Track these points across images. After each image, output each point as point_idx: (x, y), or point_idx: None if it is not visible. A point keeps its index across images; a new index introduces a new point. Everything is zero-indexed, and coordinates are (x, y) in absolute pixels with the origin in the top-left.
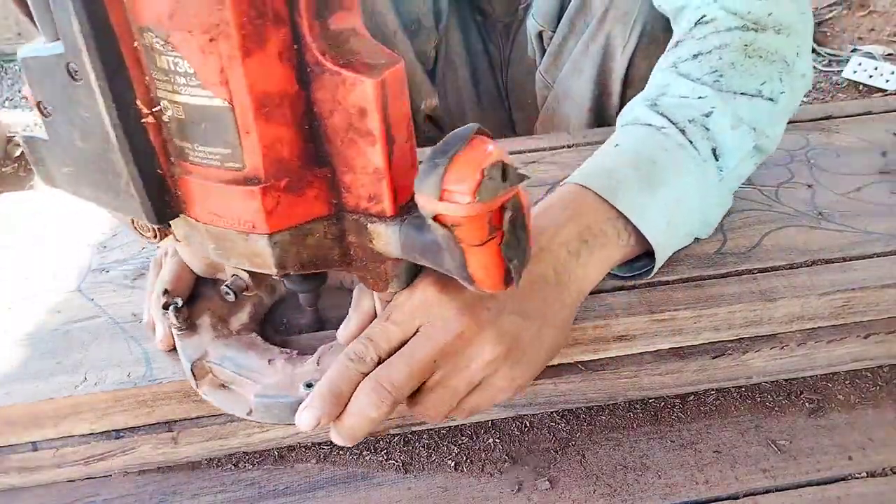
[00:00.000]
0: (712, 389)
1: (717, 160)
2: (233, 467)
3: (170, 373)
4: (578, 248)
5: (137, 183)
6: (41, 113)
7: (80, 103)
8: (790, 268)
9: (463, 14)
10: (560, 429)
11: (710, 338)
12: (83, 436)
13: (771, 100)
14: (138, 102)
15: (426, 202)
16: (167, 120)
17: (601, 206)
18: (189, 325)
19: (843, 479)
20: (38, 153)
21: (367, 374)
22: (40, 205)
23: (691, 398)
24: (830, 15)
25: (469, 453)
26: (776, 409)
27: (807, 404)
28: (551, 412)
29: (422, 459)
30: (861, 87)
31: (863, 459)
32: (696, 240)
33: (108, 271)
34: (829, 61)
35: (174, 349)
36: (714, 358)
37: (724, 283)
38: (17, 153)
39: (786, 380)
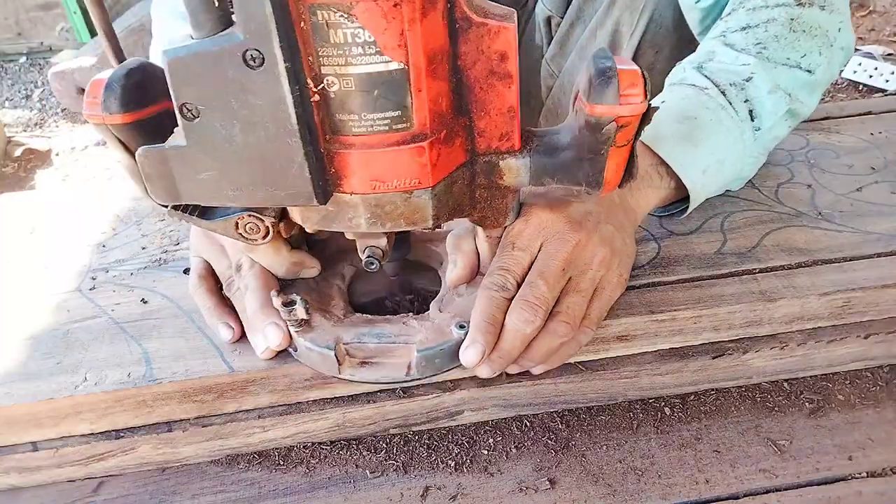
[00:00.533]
0: (712, 389)
1: (752, 121)
2: (233, 467)
3: (169, 373)
4: (633, 183)
5: (311, 164)
6: (183, 116)
7: (256, 91)
8: (790, 268)
9: None
10: (560, 429)
11: (710, 338)
12: (83, 436)
13: (809, 71)
14: (309, 81)
15: (608, 109)
16: (332, 96)
17: (648, 153)
18: (310, 317)
19: (843, 479)
20: (165, 165)
21: (510, 300)
22: (40, 205)
23: (691, 398)
24: None
25: (469, 453)
26: (776, 409)
27: (807, 404)
28: (551, 412)
29: (422, 459)
30: (861, 87)
31: (863, 459)
32: (682, 242)
33: (108, 271)
34: None
35: (288, 347)
36: (714, 358)
37: (724, 283)
38: (18, 153)
39: (786, 380)
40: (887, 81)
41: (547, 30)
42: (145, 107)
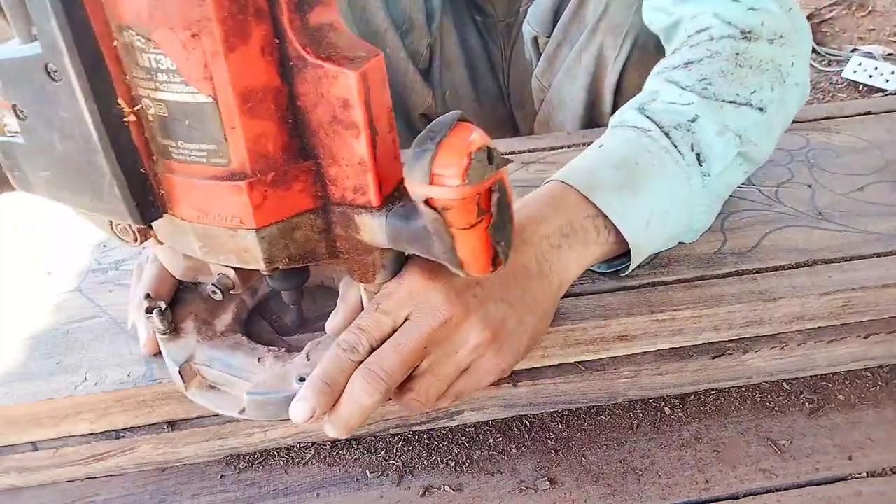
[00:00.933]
0: (712, 389)
1: (700, 165)
2: (233, 467)
3: (170, 373)
4: (560, 241)
5: (121, 183)
6: (17, 116)
7: (60, 104)
8: (790, 268)
9: (459, 13)
10: (560, 429)
11: (710, 338)
12: (83, 436)
13: (760, 109)
14: (120, 101)
15: (417, 187)
16: (150, 118)
17: (582, 204)
18: (173, 328)
19: (843, 479)
20: (13, 158)
21: (359, 364)
22: (40, 205)
23: (691, 398)
24: (830, 15)
25: (469, 453)
26: (776, 409)
27: (807, 404)
28: (551, 412)
29: (422, 459)
30: (861, 87)
31: (863, 459)
32: (680, 243)
33: (108, 271)
34: (829, 61)
35: (159, 353)
36: (714, 358)
37: (724, 283)
38: None
39: (786, 380)
40: (887, 81)
41: (535, 48)
42: None
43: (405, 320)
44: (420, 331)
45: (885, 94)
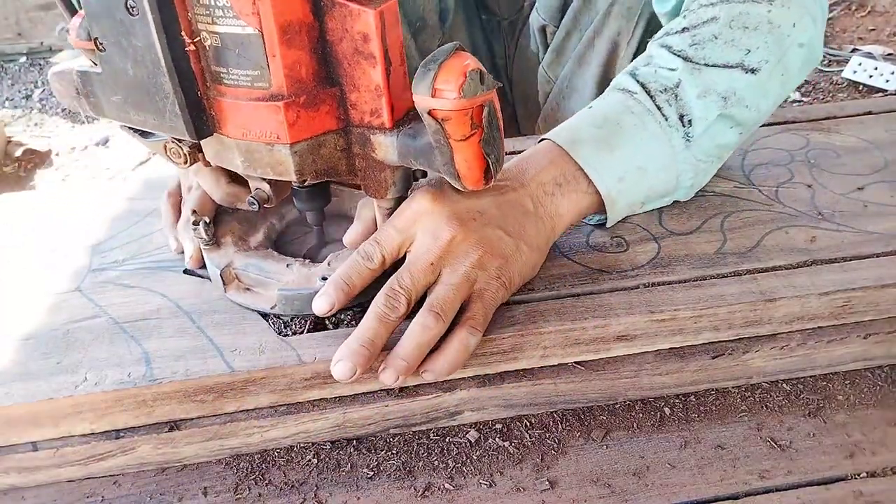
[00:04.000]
0: (712, 389)
1: (685, 127)
2: (233, 467)
3: (170, 373)
4: (553, 189)
5: (182, 103)
6: (97, 48)
7: (136, 35)
8: (790, 268)
9: (468, 12)
10: (560, 429)
11: (710, 338)
12: (83, 436)
13: (752, 70)
14: (182, 34)
15: (421, 99)
16: (206, 48)
17: (568, 157)
18: (215, 241)
19: (843, 479)
20: (91, 86)
21: (373, 271)
22: (40, 205)
23: (691, 398)
24: (830, 15)
25: (469, 453)
26: (776, 409)
27: (807, 404)
28: (551, 412)
29: (422, 459)
30: (861, 87)
31: (863, 459)
32: (676, 202)
33: (108, 271)
34: (829, 61)
35: (202, 267)
36: (714, 358)
37: (724, 283)
38: (18, 153)
39: (786, 380)
40: (887, 81)
41: (542, 38)
42: None
43: (413, 239)
44: (428, 251)
45: (885, 94)
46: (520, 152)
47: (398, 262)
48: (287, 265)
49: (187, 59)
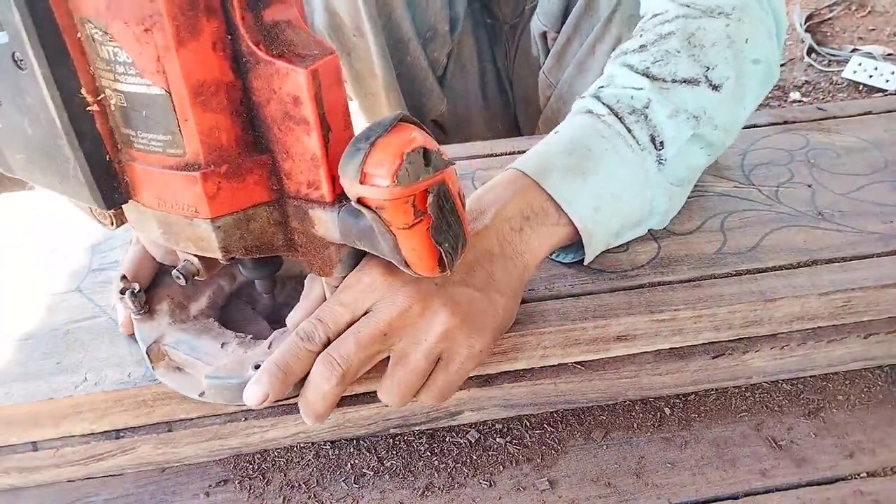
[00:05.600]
0: (712, 389)
1: (657, 150)
2: (233, 467)
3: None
4: (521, 224)
5: (85, 169)
6: None
7: (27, 91)
8: (790, 268)
9: (476, 19)
10: (560, 429)
11: (710, 338)
12: (83, 436)
13: (716, 87)
14: (83, 91)
15: (349, 185)
16: (112, 108)
17: (536, 188)
18: (147, 310)
19: (843, 479)
20: None
21: (315, 353)
22: (40, 205)
23: (691, 398)
24: (830, 15)
25: (469, 453)
26: (776, 409)
27: (807, 404)
28: (551, 412)
29: (422, 459)
30: (861, 87)
31: (863, 459)
32: (650, 231)
33: (108, 271)
34: (829, 61)
35: (133, 333)
36: (714, 358)
37: (724, 283)
38: None
39: (786, 380)
40: (887, 81)
41: (543, 43)
42: None
43: (365, 312)
44: (378, 318)
45: (885, 94)
46: (522, 152)
47: None
48: (223, 344)
49: (90, 120)
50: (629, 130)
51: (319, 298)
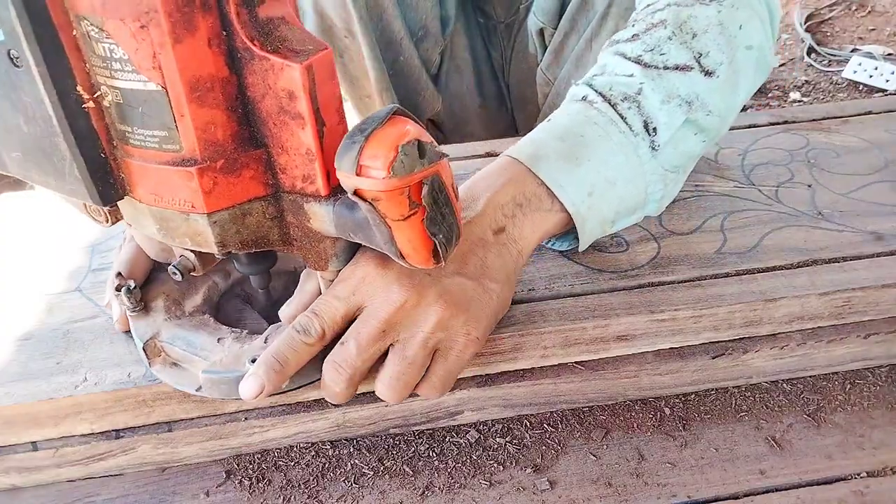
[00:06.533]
0: (712, 389)
1: (650, 136)
2: (233, 467)
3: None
4: (514, 210)
5: (81, 165)
6: None
7: (23, 89)
8: (790, 268)
9: (468, 18)
10: (560, 429)
11: (710, 338)
12: (83, 436)
13: (709, 73)
14: (79, 88)
15: (345, 177)
16: (108, 105)
17: (529, 175)
18: (143, 306)
19: (843, 479)
20: None
21: (311, 346)
22: (40, 205)
23: (691, 398)
24: (830, 15)
25: (469, 453)
26: (776, 409)
27: (807, 404)
28: (551, 412)
29: (422, 459)
30: (861, 87)
31: (863, 459)
32: (647, 217)
33: (107, 271)
34: (829, 61)
35: (129, 330)
36: (714, 358)
37: (724, 283)
38: None
39: (786, 380)
40: (887, 81)
41: (540, 40)
42: None
43: (359, 307)
44: (375, 316)
45: (885, 94)
46: None
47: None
48: (219, 339)
49: (86, 117)
50: (622, 117)
51: (314, 292)
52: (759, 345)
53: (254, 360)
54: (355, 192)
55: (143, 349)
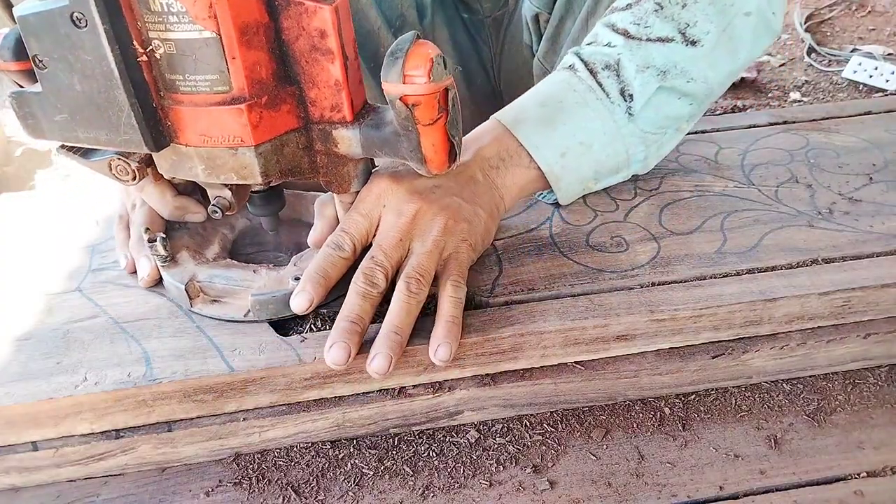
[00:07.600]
0: (712, 389)
1: (627, 102)
2: (233, 467)
3: (169, 372)
4: (497, 163)
5: (138, 115)
6: (36, 66)
7: (84, 48)
8: (790, 267)
9: (448, 10)
10: (560, 429)
11: (710, 337)
12: (83, 436)
13: (693, 42)
14: (134, 43)
15: (392, 87)
16: (159, 57)
17: (510, 136)
18: (172, 257)
19: (843, 479)
20: (29, 107)
21: (347, 259)
22: (40, 205)
23: (691, 398)
24: (830, 15)
25: (469, 453)
26: (776, 409)
27: (807, 404)
28: (551, 412)
29: (422, 459)
30: (861, 87)
31: (863, 459)
32: (635, 176)
33: (107, 271)
34: (829, 61)
35: (158, 283)
36: (714, 358)
37: (724, 282)
38: (18, 153)
39: (786, 380)
40: (887, 81)
41: (535, 27)
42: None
43: (379, 221)
44: (395, 227)
45: (885, 94)
46: None
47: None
48: (254, 271)
49: (140, 70)
50: (600, 85)
51: (333, 216)
52: (759, 345)
53: (297, 279)
54: (400, 100)
55: (186, 290)
